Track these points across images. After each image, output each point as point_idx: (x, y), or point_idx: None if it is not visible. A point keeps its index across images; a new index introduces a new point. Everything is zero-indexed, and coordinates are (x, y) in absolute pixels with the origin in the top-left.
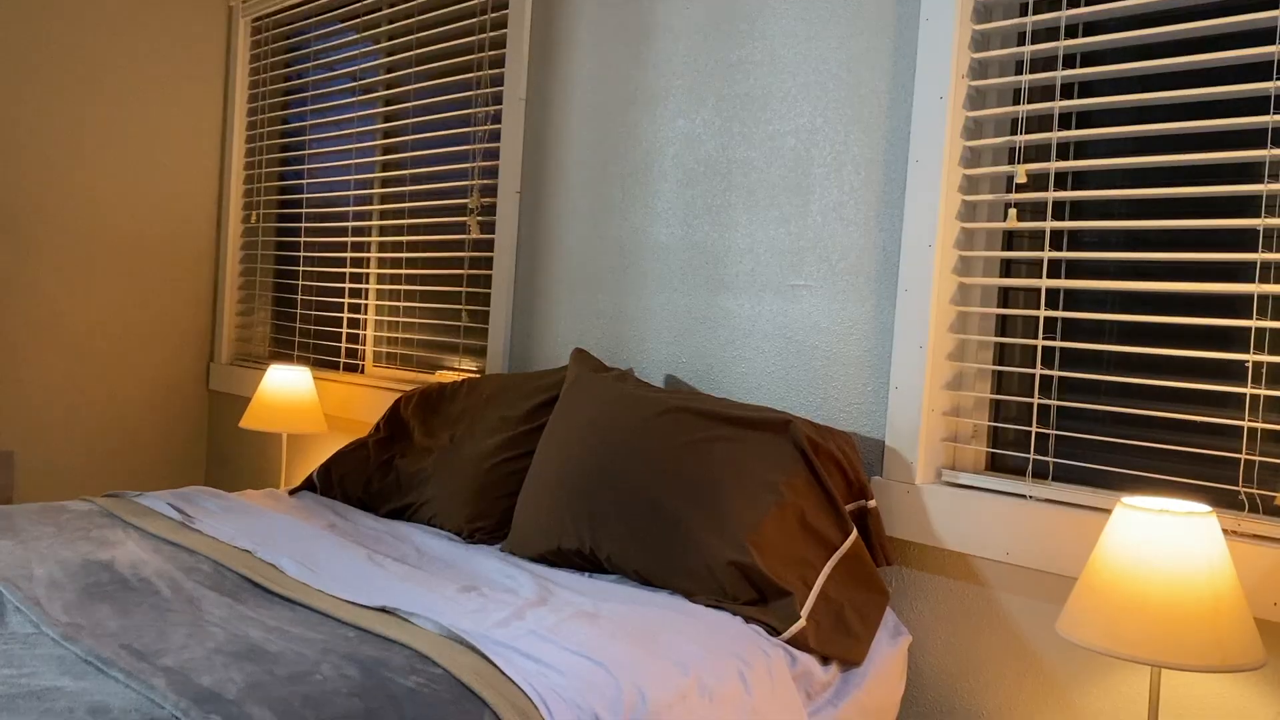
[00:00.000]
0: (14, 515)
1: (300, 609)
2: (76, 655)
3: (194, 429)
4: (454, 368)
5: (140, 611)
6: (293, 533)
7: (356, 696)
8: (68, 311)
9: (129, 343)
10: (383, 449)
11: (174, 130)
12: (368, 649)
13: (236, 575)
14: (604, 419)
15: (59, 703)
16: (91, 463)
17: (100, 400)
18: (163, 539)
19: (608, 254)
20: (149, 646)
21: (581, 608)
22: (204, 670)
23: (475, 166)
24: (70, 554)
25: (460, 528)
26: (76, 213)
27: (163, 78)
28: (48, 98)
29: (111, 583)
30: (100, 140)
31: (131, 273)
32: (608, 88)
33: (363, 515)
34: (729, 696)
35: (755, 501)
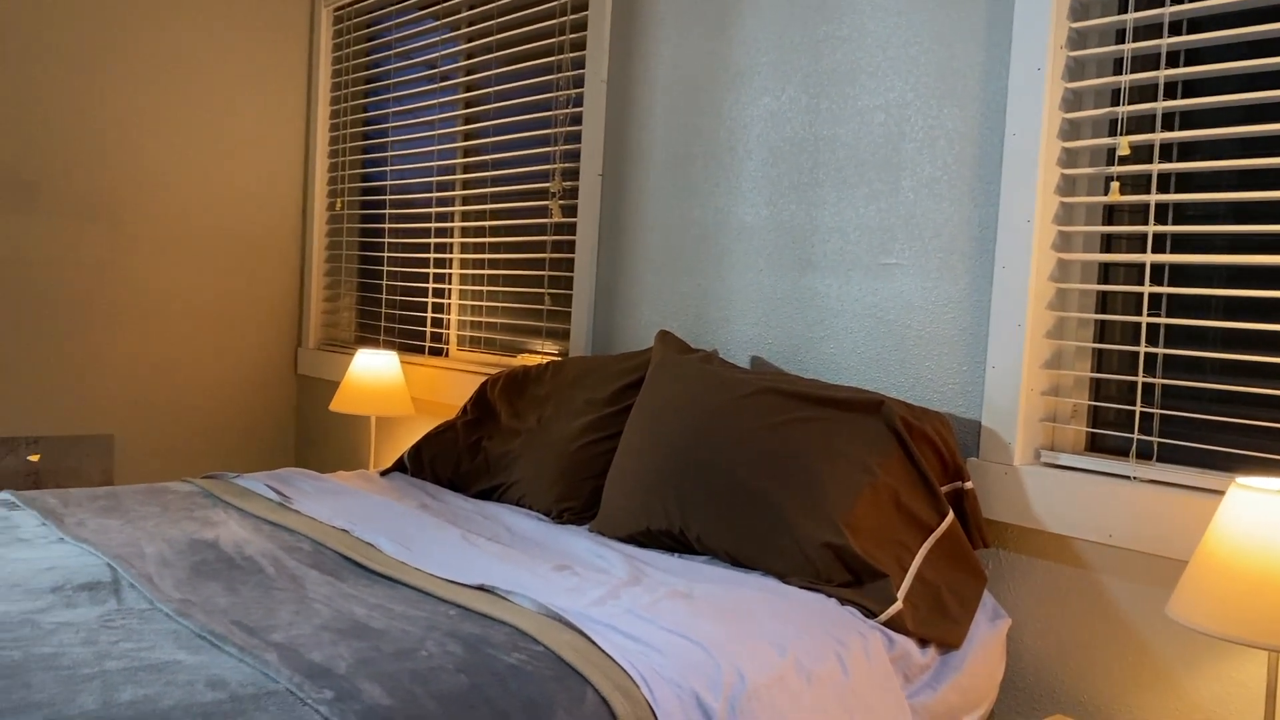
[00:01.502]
0: (121, 496)
1: (400, 587)
2: (191, 630)
3: (283, 412)
4: (536, 350)
5: (247, 589)
6: (387, 512)
7: (462, 673)
8: (163, 299)
9: (220, 329)
10: (471, 431)
11: (261, 121)
12: (469, 626)
13: (336, 554)
14: (691, 401)
15: (179, 675)
16: (185, 445)
17: (193, 384)
18: (263, 519)
19: (691, 235)
20: (258, 623)
21: (675, 588)
22: (313, 646)
23: (557, 150)
24: (177, 533)
25: (549, 508)
26: (170, 203)
27: (250, 70)
28: (143, 92)
29: (218, 561)
30: (192, 131)
31: (222, 260)
32: (691, 67)
33: (453, 495)
34: (827, 678)
35: (848, 483)
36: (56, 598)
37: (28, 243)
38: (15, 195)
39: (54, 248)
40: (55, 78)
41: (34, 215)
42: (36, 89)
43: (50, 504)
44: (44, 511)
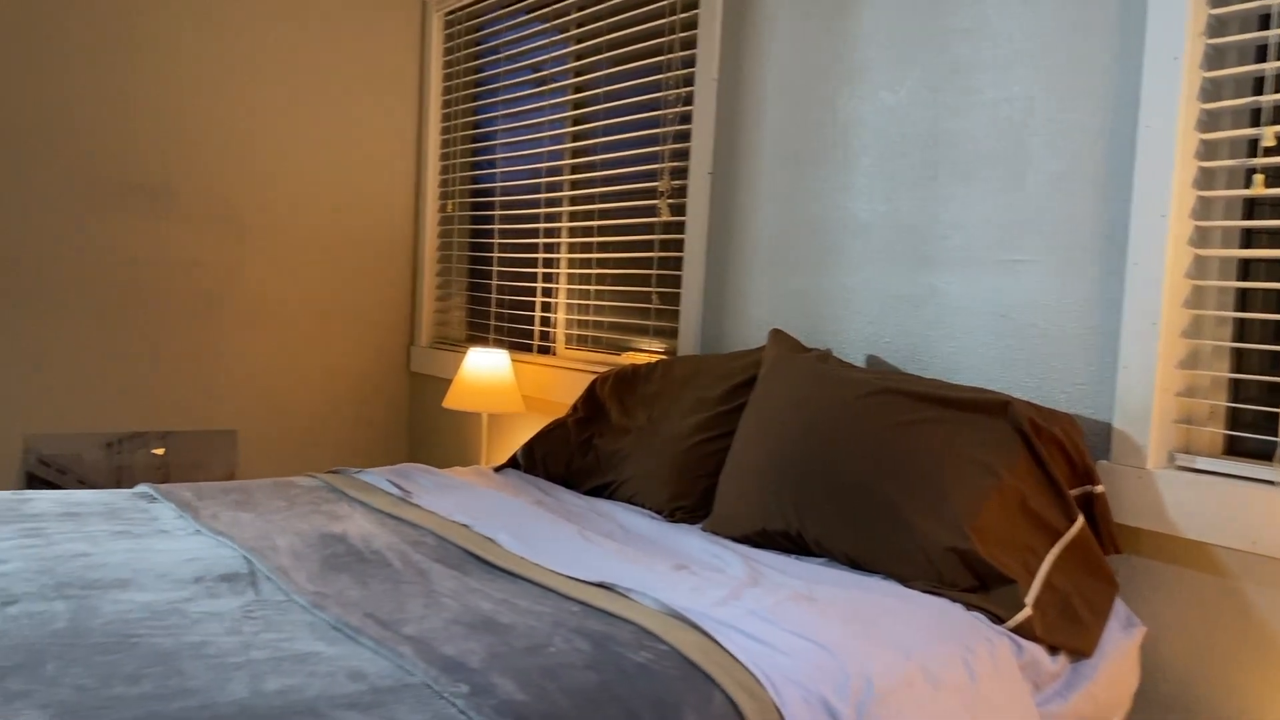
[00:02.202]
0: (251, 489)
1: (522, 582)
2: (326, 622)
3: (396, 409)
4: (643, 349)
5: (376, 582)
6: (504, 508)
7: (591, 669)
8: (282, 299)
9: (336, 328)
10: (581, 428)
11: (376, 126)
12: (594, 624)
13: (458, 548)
14: (808, 400)
15: (320, 666)
16: (304, 440)
17: (312, 382)
18: (386, 513)
19: (803, 232)
20: (390, 616)
21: (796, 590)
22: (444, 640)
23: (666, 149)
24: (306, 527)
25: (661, 506)
26: (288, 206)
27: (365, 76)
28: (266, 100)
29: (347, 554)
30: (311, 138)
31: (338, 261)
32: (804, 63)
33: (565, 492)
34: (954, 684)
35: (973, 486)
36: (199, 588)
37: (162, 245)
38: (152, 200)
39: (186, 250)
40: (188, 89)
41: (168, 220)
42: (173, 100)
43: (185, 497)
44: (180, 504)
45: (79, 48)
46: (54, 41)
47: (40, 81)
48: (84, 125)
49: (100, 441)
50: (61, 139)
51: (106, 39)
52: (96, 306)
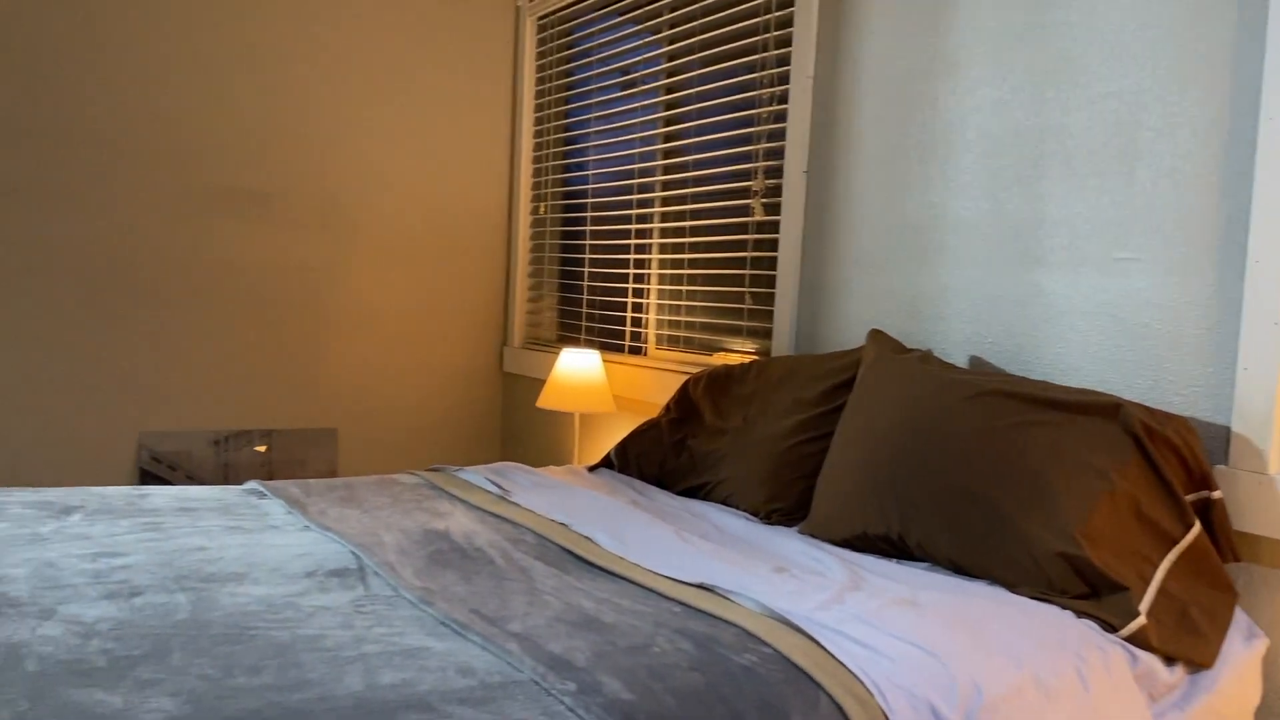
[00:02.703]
0: (355, 486)
1: (622, 582)
2: (434, 618)
3: (489, 408)
4: (734, 349)
5: (480, 579)
6: (601, 507)
7: (696, 671)
8: (379, 300)
9: (431, 329)
10: (675, 429)
11: (469, 130)
12: (696, 625)
13: (557, 547)
14: (909, 402)
15: (431, 661)
16: (400, 439)
17: (408, 382)
18: (486, 511)
19: (902, 231)
20: (495, 612)
21: (899, 594)
22: (549, 638)
23: (759, 149)
24: (410, 523)
25: (757, 508)
26: (386, 210)
27: (459, 81)
28: (362, 106)
29: (451, 551)
30: (406, 143)
31: (434, 264)
32: (902, 59)
33: (660, 492)
34: (1067, 694)
35: (1083, 490)
36: (311, 582)
37: (268, 249)
38: (254, 205)
39: (286, 255)
40: (294, 97)
41: (274, 224)
42: (279, 108)
43: (294, 493)
44: (289, 500)
45: (193, 61)
46: (169, 57)
47: (154, 94)
48: (195, 134)
49: (208, 439)
50: (174, 147)
51: (219, 52)
52: (206, 309)
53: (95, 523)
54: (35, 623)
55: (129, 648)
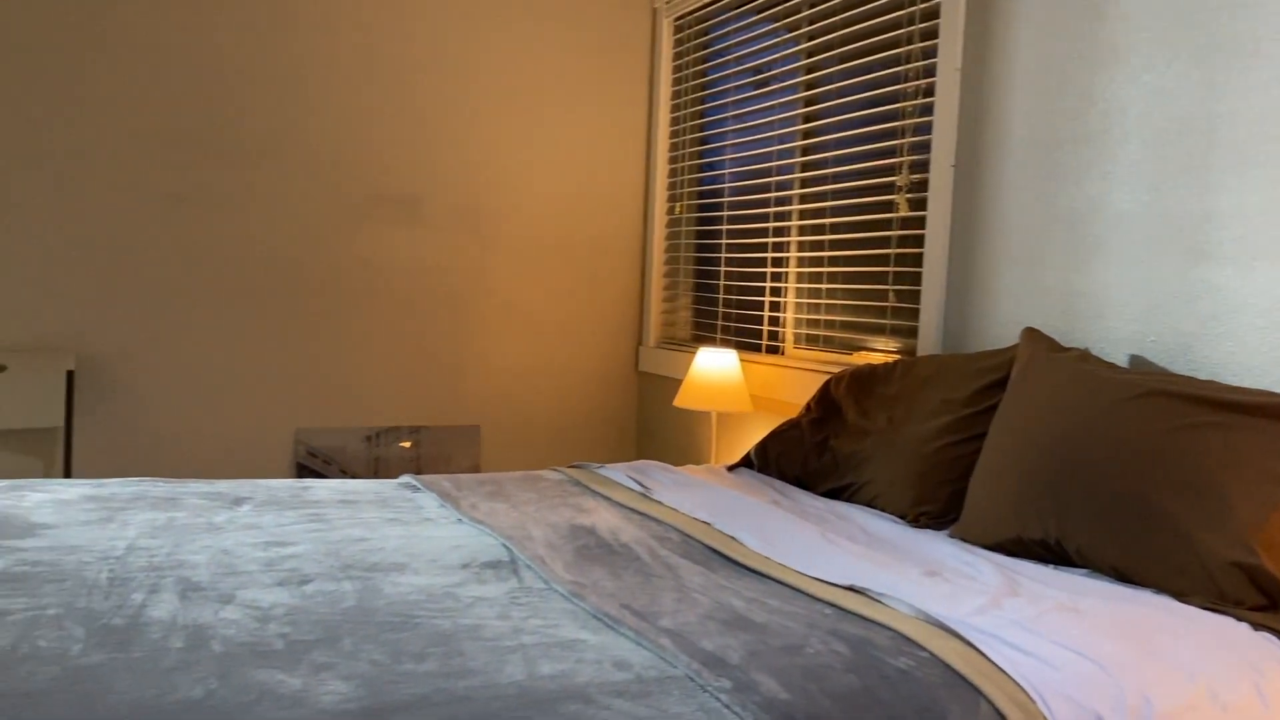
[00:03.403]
0: (502, 482)
1: (770, 582)
2: (586, 611)
3: (625, 406)
4: (875, 349)
5: (628, 575)
6: (743, 507)
7: (851, 673)
8: (519, 301)
9: (570, 329)
10: (816, 429)
11: (606, 130)
12: (848, 626)
13: (702, 545)
14: (1068, 402)
15: (587, 654)
16: (540, 436)
17: (547, 380)
18: (629, 508)
19: (1056, 225)
20: (645, 608)
21: (1059, 601)
22: (701, 635)
23: (903, 143)
24: (556, 518)
25: (904, 511)
26: (524, 211)
27: (596, 82)
28: (503, 110)
29: (597, 546)
30: (546, 145)
31: (572, 264)
32: (1056, 48)
33: (801, 493)
34: (1244, 710)
35: (1260, 496)
36: (467, 574)
37: (412, 253)
38: (402, 210)
39: (432, 257)
40: (437, 103)
41: (416, 228)
42: (423, 115)
43: (445, 487)
44: (441, 494)
45: (347, 75)
46: (326, 73)
47: (312, 107)
48: (349, 143)
49: (360, 435)
50: (329, 156)
51: (370, 66)
52: (358, 311)
53: (264, 513)
54: (217, 606)
55: (303, 632)
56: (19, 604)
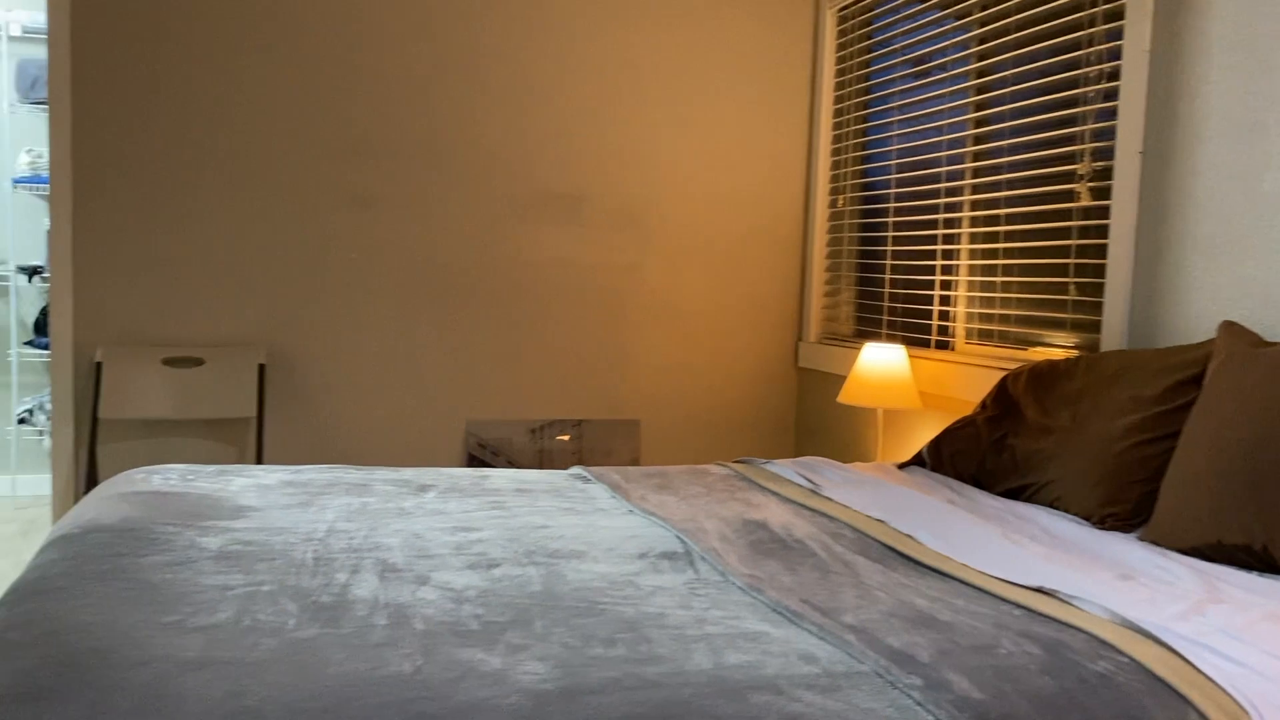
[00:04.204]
0: (669, 475)
1: (952, 581)
2: (765, 605)
3: (784, 402)
4: (1052, 344)
5: (805, 570)
6: (918, 505)
7: (1047, 675)
8: (678, 297)
9: (728, 324)
10: (993, 427)
11: (766, 125)
12: (1039, 628)
13: (878, 543)
14: (1273, 400)
15: (773, 646)
16: (698, 431)
17: (705, 376)
18: (799, 504)
19: (1259, 213)
20: (826, 603)
21: (1268, 609)
22: (886, 632)
23: (1085, 130)
24: (727, 512)
25: (1090, 512)
26: (685, 207)
27: (756, 77)
28: (660, 105)
29: (771, 541)
30: (704, 140)
31: (731, 259)
32: (1260, 23)
33: (978, 492)
34: None
35: None
36: (644, 563)
37: (574, 250)
38: (565, 208)
39: (594, 253)
40: (595, 100)
41: (579, 226)
42: (582, 112)
43: (614, 479)
44: (611, 485)
45: (511, 79)
46: (490, 78)
47: (481, 113)
48: (515, 145)
49: (526, 428)
50: (497, 158)
51: (533, 70)
52: (524, 307)
53: (448, 500)
54: (414, 587)
55: (495, 614)
56: (237, 580)
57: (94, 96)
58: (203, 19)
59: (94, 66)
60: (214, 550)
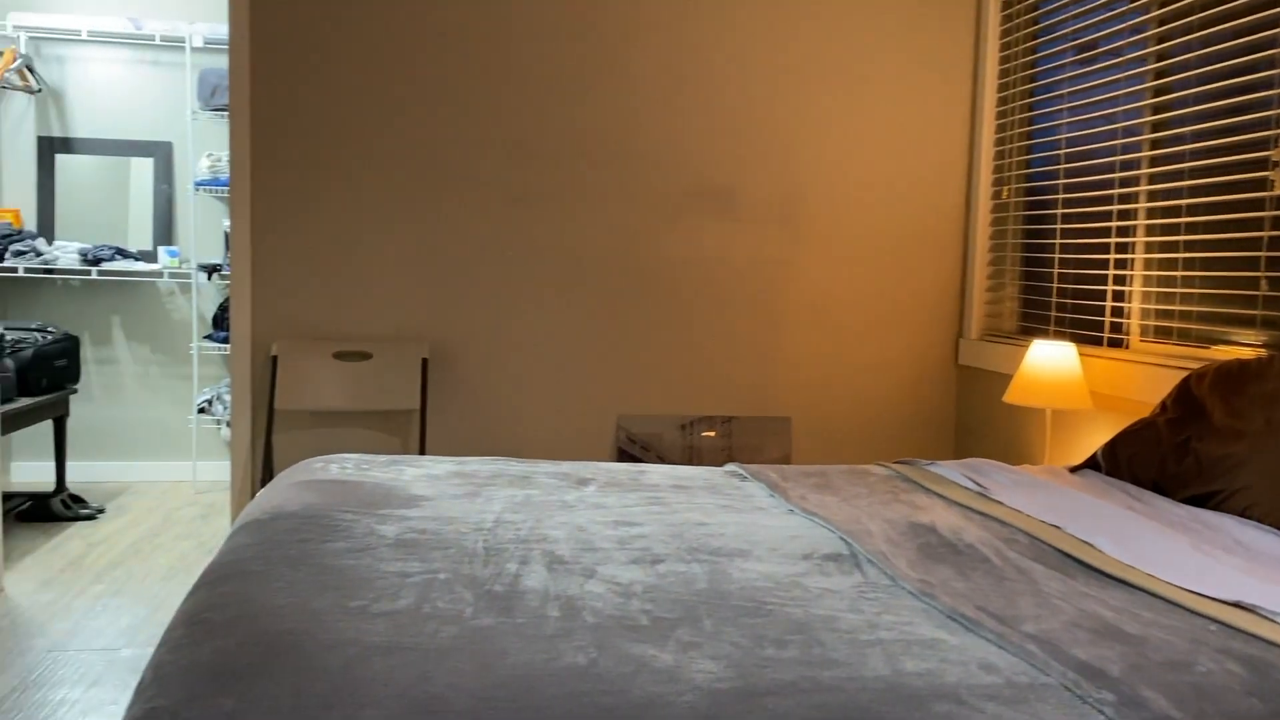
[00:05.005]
0: (828, 474)
1: (1138, 592)
2: (939, 611)
3: (943, 401)
4: (1240, 342)
5: (977, 576)
6: (1095, 511)
7: (1254, 697)
8: (832, 292)
9: (883, 320)
10: (1175, 430)
11: (925, 116)
12: (1240, 646)
13: (1055, 550)
14: None
15: (950, 654)
16: (851, 430)
17: (860, 373)
18: (966, 507)
19: None
20: (1003, 612)
21: None
22: (1070, 643)
23: (1277, 114)
24: (892, 514)
25: None
26: (838, 202)
27: (915, 69)
28: (815, 99)
29: (940, 545)
30: (860, 132)
31: (885, 255)
32: None
33: (1159, 499)
34: None
35: None
36: (809, 564)
37: (726, 245)
38: (718, 203)
39: (746, 248)
40: (748, 94)
41: (731, 220)
42: (735, 106)
43: (772, 478)
44: (769, 484)
45: (665, 71)
46: (643, 73)
47: (631, 105)
48: (667, 138)
49: (676, 423)
50: (649, 153)
51: (687, 61)
52: (674, 302)
53: (608, 494)
54: (581, 580)
55: (664, 610)
56: (415, 567)
57: (270, 103)
58: (370, 29)
59: (270, 75)
60: (391, 538)
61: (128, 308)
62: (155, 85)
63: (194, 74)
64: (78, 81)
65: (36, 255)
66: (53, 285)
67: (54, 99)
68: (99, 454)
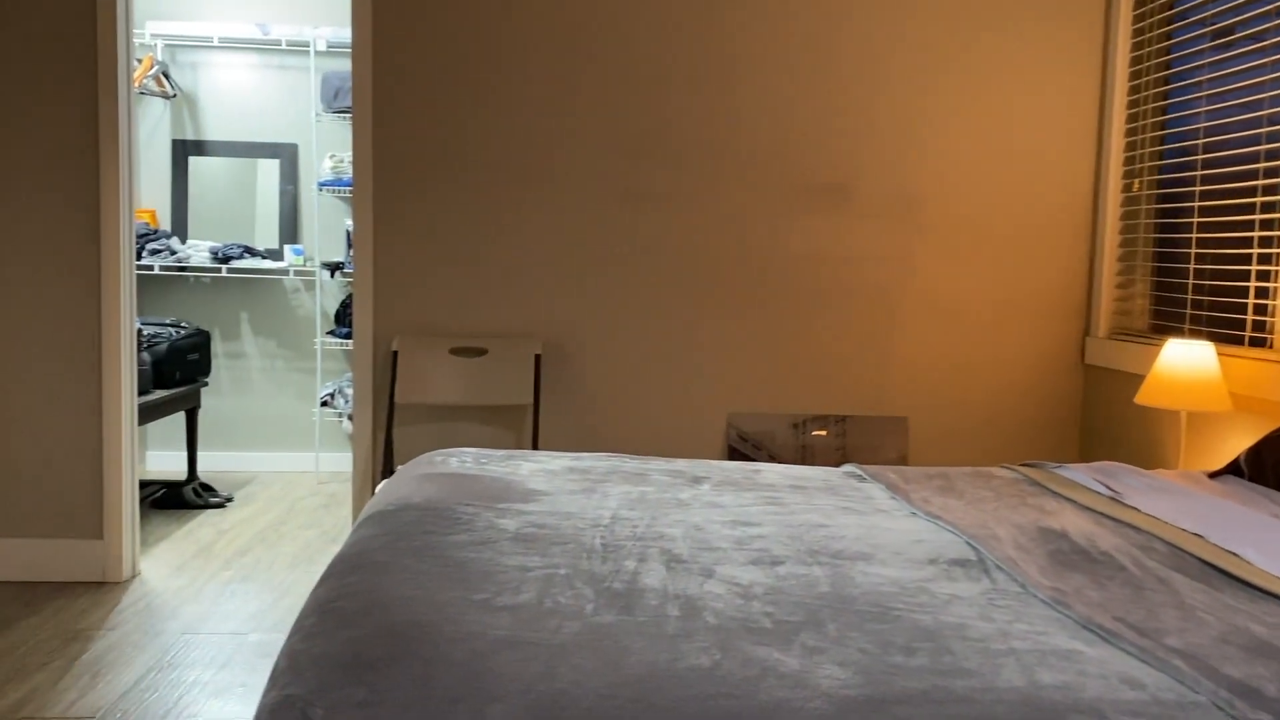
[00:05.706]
0: (951, 476)
1: None
2: (1074, 620)
3: (1068, 402)
4: None
5: (1114, 585)
6: (1240, 519)
7: None
8: (950, 290)
9: (1005, 317)
10: None
11: (1050, 109)
12: None
13: (1197, 559)
14: None
15: (1089, 667)
16: (971, 430)
17: (980, 373)
18: (1099, 512)
19: None
20: (1144, 624)
21: None
22: (1221, 659)
23: None
24: (1021, 519)
25: None
26: (958, 198)
27: (1040, 60)
28: (935, 93)
29: (1073, 552)
30: (982, 126)
31: (1007, 252)
32: None
33: None
34: None
35: None
36: (935, 569)
37: (844, 242)
38: (831, 199)
39: (861, 244)
40: (869, 89)
41: (849, 217)
42: (855, 102)
43: (892, 479)
44: (889, 485)
45: (775, 66)
46: (752, 68)
47: (742, 101)
48: (779, 134)
49: (788, 422)
50: (761, 150)
51: (797, 55)
52: (787, 299)
53: (723, 493)
54: (700, 579)
55: (786, 613)
56: (535, 561)
57: (391, 104)
58: (487, 32)
59: (391, 77)
60: (511, 532)
61: (255, 304)
62: (281, 88)
63: (318, 77)
64: (209, 86)
65: (171, 254)
66: (185, 282)
67: (187, 103)
68: (227, 445)
